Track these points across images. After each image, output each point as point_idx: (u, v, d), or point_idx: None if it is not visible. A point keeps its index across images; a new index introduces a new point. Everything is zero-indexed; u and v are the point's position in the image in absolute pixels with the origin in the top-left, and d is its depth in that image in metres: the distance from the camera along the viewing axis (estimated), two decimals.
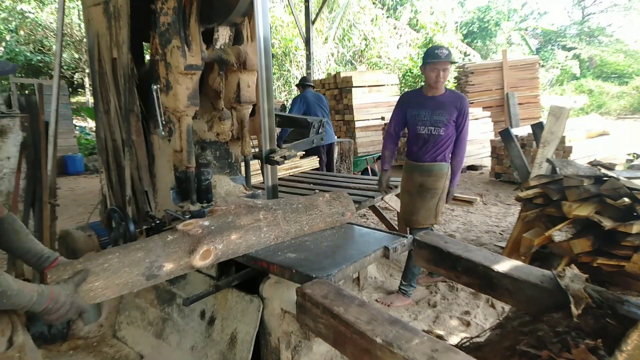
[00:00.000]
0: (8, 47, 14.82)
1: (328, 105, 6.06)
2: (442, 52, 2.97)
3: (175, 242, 1.69)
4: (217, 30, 2.38)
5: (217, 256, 1.76)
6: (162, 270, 1.63)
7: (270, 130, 2.25)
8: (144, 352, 2.54)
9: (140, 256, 1.60)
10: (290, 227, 2.03)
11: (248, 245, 1.88)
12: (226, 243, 1.79)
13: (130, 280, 1.56)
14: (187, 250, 1.68)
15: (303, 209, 2.11)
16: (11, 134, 3.21)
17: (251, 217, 1.92)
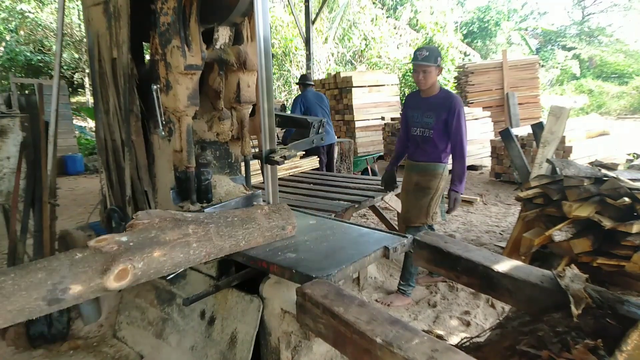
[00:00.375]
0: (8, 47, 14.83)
1: (329, 104, 6.07)
2: (420, 53, 2.95)
3: (84, 261, 1.47)
4: (217, 30, 2.38)
5: (136, 276, 1.56)
6: (68, 293, 1.43)
7: (270, 130, 2.24)
8: (144, 352, 2.54)
9: (42, 277, 1.39)
10: (224, 242, 1.85)
11: (174, 264, 1.68)
12: (147, 261, 1.59)
13: (27, 305, 1.37)
14: (99, 270, 1.47)
15: (239, 223, 1.93)
16: (11, 134, 3.21)
17: (178, 231, 1.72)
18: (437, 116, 3.01)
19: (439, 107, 3.01)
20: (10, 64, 15.03)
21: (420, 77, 2.98)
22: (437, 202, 3.16)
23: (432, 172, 3.11)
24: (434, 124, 3.03)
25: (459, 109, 2.98)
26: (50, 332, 2.77)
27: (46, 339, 2.76)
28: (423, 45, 3.19)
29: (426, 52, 2.94)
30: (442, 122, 3.01)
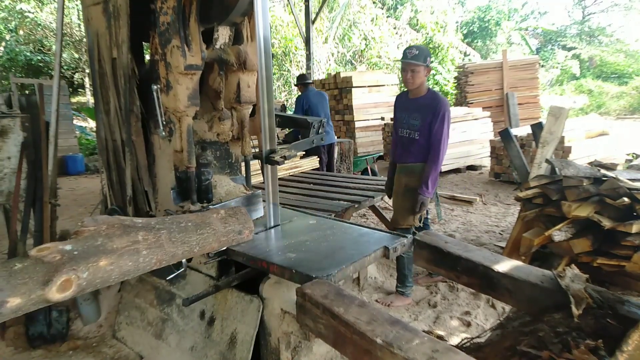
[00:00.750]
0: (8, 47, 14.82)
1: (328, 103, 6.08)
2: (410, 52, 2.87)
3: (24, 272, 1.40)
4: (217, 30, 2.37)
5: (80, 287, 1.49)
6: (6, 307, 1.35)
7: (271, 130, 2.24)
8: (144, 352, 2.54)
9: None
10: (177, 249, 1.79)
11: (122, 272, 1.61)
12: (93, 271, 1.52)
13: None
14: (41, 281, 1.40)
15: (193, 228, 1.87)
16: (12, 134, 3.21)
17: (127, 238, 1.65)
18: (422, 118, 2.95)
19: (425, 109, 2.95)
20: (10, 64, 15.02)
21: (408, 76, 2.91)
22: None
23: (418, 173, 3.04)
24: (419, 126, 2.97)
25: (443, 112, 2.91)
26: (49, 332, 2.77)
27: (45, 339, 2.76)
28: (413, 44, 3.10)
29: (416, 50, 2.87)
30: (427, 125, 2.94)
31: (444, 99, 2.99)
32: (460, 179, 7.69)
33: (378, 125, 9.35)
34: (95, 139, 3.63)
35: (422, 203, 2.99)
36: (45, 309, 2.79)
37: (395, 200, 3.21)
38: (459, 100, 10.96)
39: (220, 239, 1.95)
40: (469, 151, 8.26)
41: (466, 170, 8.32)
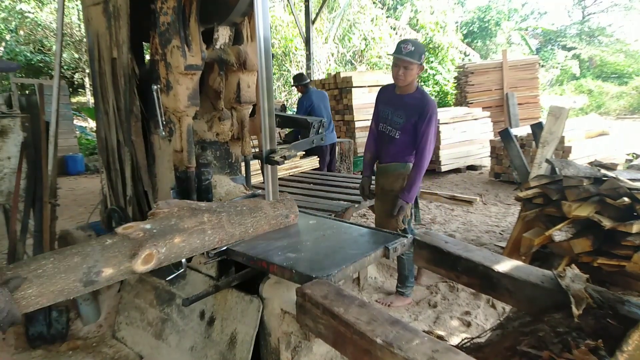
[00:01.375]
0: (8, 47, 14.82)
1: (329, 103, 6.07)
2: (405, 47, 2.67)
3: (114, 246, 1.61)
4: (217, 30, 2.38)
5: (159, 260, 1.69)
6: (101, 276, 1.56)
7: (271, 130, 2.24)
8: (144, 352, 2.54)
9: (77, 261, 1.52)
10: (235, 229, 1.99)
11: (192, 249, 1.82)
12: (169, 247, 1.72)
13: (66, 287, 1.48)
14: (128, 255, 1.61)
15: (248, 212, 2.08)
16: (12, 134, 3.20)
17: (195, 219, 1.85)
18: (407, 117, 2.79)
19: (411, 108, 2.78)
20: None
21: (399, 72, 2.72)
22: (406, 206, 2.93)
23: (393, 172, 2.91)
24: (402, 125, 2.81)
25: (430, 114, 2.75)
26: (49, 332, 2.77)
27: (45, 339, 2.76)
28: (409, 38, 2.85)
29: (412, 46, 2.67)
30: (412, 125, 2.79)
31: (433, 101, 2.83)
32: (460, 179, 7.69)
33: None
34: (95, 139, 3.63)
35: (401, 207, 2.83)
36: (45, 309, 2.79)
37: (376, 204, 3.11)
38: (459, 100, 10.96)
39: (270, 221, 2.18)
40: (469, 151, 8.26)
41: (466, 170, 8.32)
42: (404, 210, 2.87)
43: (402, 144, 2.86)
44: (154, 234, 1.69)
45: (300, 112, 5.80)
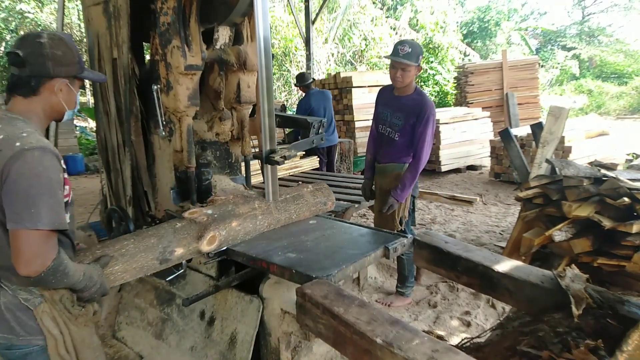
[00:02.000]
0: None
1: (331, 102, 6.04)
2: (402, 48, 2.65)
3: (184, 229, 1.84)
4: (217, 31, 2.38)
5: (220, 242, 1.89)
6: (174, 254, 1.77)
7: (271, 130, 2.24)
8: (144, 352, 2.54)
9: (154, 242, 1.73)
10: (281, 215, 2.19)
11: (246, 232, 2.02)
12: (228, 230, 1.92)
13: (145, 264, 1.69)
14: (195, 236, 1.83)
15: (291, 199, 2.28)
16: None
17: (248, 206, 2.06)
18: (405, 119, 2.79)
19: (409, 109, 2.78)
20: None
21: (397, 74, 2.71)
22: (404, 206, 2.93)
23: (391, 173, 2.92)
24: (401, 126, 2.81)
25: (428, 115, 2.74)
26: None
27: None
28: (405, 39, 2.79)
29: (408, 48, 2.65)
30: (410, 127, 2.79)
31: (430, 101, 2.83)
32: (460, 179, 7.69)
33: None
34: (95, 139, 3.63)
35: (391, 205, 2.82)
36: None
37: (375, 205, 3.11)
38: (459, 100, 10.96)
39: (311, 208, 2.39)
40: (469, 151, 8.26)
41: (466, 170, 8.33)
42: (394, 209, 2.85)
43: (401, 145, 2.87)
44: (215, 219, 1.91)
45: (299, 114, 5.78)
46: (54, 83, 1.40)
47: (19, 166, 1.24)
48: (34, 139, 1.31)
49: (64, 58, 1.40)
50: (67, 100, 1.45)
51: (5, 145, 1.27)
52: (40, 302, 1.36)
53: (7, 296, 1.35)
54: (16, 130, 1.32)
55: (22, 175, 1.24)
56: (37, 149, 1.28)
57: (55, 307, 1.38)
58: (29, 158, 1.25)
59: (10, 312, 1.35)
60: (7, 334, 1.35)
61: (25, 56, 1.35)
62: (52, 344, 1.38)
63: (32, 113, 1.41)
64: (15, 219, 1.23)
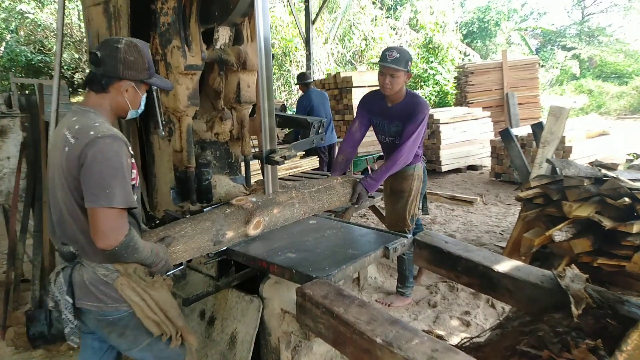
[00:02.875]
0: (8, 47, 14.84)
1: (329, 104, 6.08)
2: (390, 54, 2.65)
3: (233, 214, 2.01)
4: (217, 31, 2.37)
5: (264, 226, 2.07)
6: (225, 237, 1.93)
7: (271, 130, 2.25)
8: None
9: (208, 225, 1.89)
10: (315, 204, 2.36)
11: (285, 219, 2.20)
12: (270, 216, 2.10)
13: (202, 245, 1.84)
14: (243, 221, 2.01)
15: (323, 190, 2.44)
16: (11, 134, 3.21)
17: (286, 195, 2.25)
18: (403, 124, 2.79)
19: (405, 114, 2.78)
20: (10, 64, 15.04)
21: (386, 81, 2.70)
22: (414, 204, 2.99)
23: (402, 174, 2.93)
24: (400, 132, 2.83)
25: (420, 116, 2.72)
26: (50, 332, 2.76)
27: (46, 339, 2.75)
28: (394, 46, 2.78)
29: (397, 53, 2.65)
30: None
31: (424, 101, 2.83)
32: (460, 179, 7.69)
33: None
34: None
35: (360, 194, 2.61)
36: (45, 309, 2.79)
37: (385, 205, 3.17)
38: (459, 100, 10.96)
39: (341, 198, 2.54)
40: (469, 151, 8.25)
41: (467, 170, 8.32)
42: (362, 198, 2.64)
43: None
44: (259, 205, 2.09)
45: (299, 112, 5.81)
46: (121, 84, 1.57)
47: (94, 152, 1.41)
48: (105, 128, 1.48)
49: (134, 64, 1.56)
50: (131, 100, 1.62)
51: (81, 134, 1.45)
52: (117, 276, 1.53)
53: (88, 272, 1.53)
54: (89, 121, 1.50)
55: (97, 160, 1.41)
56: (109, 137, 1.45)
57: (132, 279, 1.54)
58: (102, 145, 1.42)
59: (94, 285, 1.53)
60: (97, 303, 1.54)
61: (101, 57, 1.53)
62: (139, 310, 1.56)
63: (101, 107, 1.57)
64: (92, 199, 1.41)
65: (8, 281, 3.02)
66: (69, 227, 1.52)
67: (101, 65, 1.53)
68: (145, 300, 1.57)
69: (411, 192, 2.96)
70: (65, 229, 1.54)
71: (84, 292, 1.55)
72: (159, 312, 1.61)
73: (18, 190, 3.13)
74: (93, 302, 1.55)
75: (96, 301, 1.55)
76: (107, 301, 1.54)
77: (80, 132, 1.46)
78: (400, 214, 2.98)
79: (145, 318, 1.58)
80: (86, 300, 1.55)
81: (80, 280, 1.54)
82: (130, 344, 1.65)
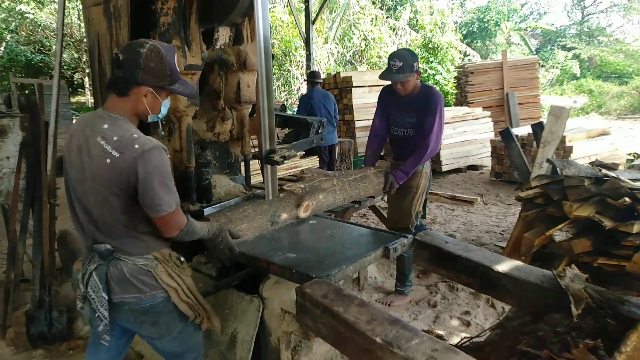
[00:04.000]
0: (8, 47, 14.85)
1: (335, 104, 6.06)
2: (394, 64, 2.74)
3: (286, 198, 2.24)
4: (217, 31, 2.38)
5: (312, 210, 2.30)
6: (280, 218, 2.16)
7: (270, 130, 2.25)
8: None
9: (266, 207, 2.14)
10: (352, 192, 2.57)
11: (328, 204, 2.41)
12: (317, 201, 2.31)
13: (261, 224, 2.09)
14: (295, 205, 2.23)
15: (360, 179, 2.65)
16: (11, 134, 3.21)
17: (329, 182, 2.45)
18: (418, 116, 2.89)
19: (420, 105, 2.88)
20: (10, 64, 15.05)
21: (398, 86, 2.85)
22: (419, 201, 3.04)
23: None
24: (415, 123, 2.92)
25: (436, 106, 2.83)
26: (50, 332, 2.77)
27: (46, 339, 2.76)
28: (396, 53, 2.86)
29: (399, 62, 2.73)
30: (423, 121, 2.89)
31: (438, 93, 2.91)
32: (461, 179, 7.69)
33: None
34: None
35: (392, 184, 2.86)
36: (46, 308, 2.79)
37: (390, 201, 3.18)
38: (459, 100, 10.95)
39: (375, 187, 2.79)
40: (469, 151, 8.25)
41: (467, 170, 8.32)
42: (394, 188, 2.89)
43: (416, 141, 2.93)
44: (307, 191, 2.30)
45: (300, 109, 5.80)
46: (141, 89, 1.58)
47: (148, 167, 1.50)
48: (146, 139, 1.54)
49: (154, 70, 1.57)
50: (151, 106, 1.64)
51: (126, 148, 1.50)
52: (156, 264, 1.64)
53: (128, 265, 1.61)
54: (126, 132, 1.54)
55: (152, 173, 1.51)
56: (155, 149, 1.53)
57: (168, 265, 1.67)
58: (151, 157, 1.51)
59: (134, 277, 1.61)
60: (136, 294, 1.62)
61: (123, 60, 1.55)
62: (174, 294, 1.67)
63: (125, 112, 1.60)
64: (157, 209, 1.54)
65: (8, 281, 3.02)
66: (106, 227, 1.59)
67: (122, 68, 1.55)
68: (179, 285, 1.69)
69: (418, 189, 3.02)
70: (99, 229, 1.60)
71: (123, 286, 1.61)
72: (191, 296, 1.74)
73: (18, 190, 3.13)
74: (132, 294, 1.62)
75: (135, 292, 1.62)
76: (145, 290, 1.63)
77: (123, 145, 1.50)
78: (406, 211, 3.03)
79: (180, 302, 1.69)
80: (125, 293, 1.62)
81: (119, 274, 1.61)
82: (162, 332, 1.72)
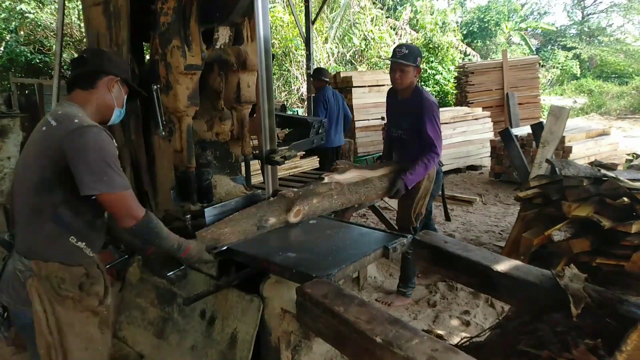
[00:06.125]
0: (8, 47, 14.84)
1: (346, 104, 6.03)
2: (400, 50, 2.79)
3: (276, 202, 2.15)
4: (217, 30, 2.38)
5: (304, 215, 2.20)
6: (268, 223, 2.07)
7: (271, 130, 2.25)
8: (144, 351, 2.54)
9: (253, 211, 2.06)
10: (352, 196, 2.48)
11: (323, 209, 2.32)
12: (310, 206, 2.21)
13: (247, 228, 2.01)
14: (285, 209, 2.13)
15: (362, 183, 2.57)
16: (11, 134, 3.22)
17: (326, 186, 2.38)
18: (410, 121, 2.93)
19: (411, 111, 2.91)
20: (10, 64, 15.03)
21: (396, 76, 2.84)
22: (420, 204, 3.06)
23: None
24: (407, 128, 2.97)
25: (426, 113, 2.84)
26: None
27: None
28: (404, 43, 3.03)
29: (406, 50, 2.79)
30: (416, 127, 2.91)
31: (428, 99, 2.91)
32: (460, 179, 7.69)
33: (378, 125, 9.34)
34: None
35: (399, 190, 2.83)
36: None
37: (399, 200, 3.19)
38: (459, 100, 10.95)
39: (378, 192, 2.71)
40: (469, 151, 8.25)
41: (466, 170, 8.32)
42: (400, 192, 2.85)
43: (411, 145, 2.98)
44: (300, 195, 2.19)
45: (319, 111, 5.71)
46: (107, 79, 1.60)
47: (81, 140, 1.38)
48: (89, 120, 1.48)
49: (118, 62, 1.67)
50: (117, 97, 1.64)
51: (65, 119, 1.42)
52: (30, 275, 1.38)
53: (15, 262, 1.45)
54: (73, 110, 1.48)
55: (87, 147, 1.38)
56: (95, 127, 1.44)
57: (42, 284, 1.38)
58: (89, 133, 1.40)
59: (12, 278, 1.43)
60: (8, 298, 1.44)
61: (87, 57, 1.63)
62: (37, 319, 1.38)
63: (88, 104, 1.56)
64: (92, 187, 1.38)
65: None
66: (18, 209, 1.44)
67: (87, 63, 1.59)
68: (46, 313, 1.37)
69: (419, 191, 3.02)
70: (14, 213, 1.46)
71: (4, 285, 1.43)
72: (54, 333, 1.38)
73: None
74: (6, 296, 1.43)
75: (8, 295, 1.43)
76: (16, 300, 1.41)
77: (64, 117, 1.43)
78: (406, 212, 3.05)
79: (39, 332, 1.38)
80: (4, 294, 1.43)
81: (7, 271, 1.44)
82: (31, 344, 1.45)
